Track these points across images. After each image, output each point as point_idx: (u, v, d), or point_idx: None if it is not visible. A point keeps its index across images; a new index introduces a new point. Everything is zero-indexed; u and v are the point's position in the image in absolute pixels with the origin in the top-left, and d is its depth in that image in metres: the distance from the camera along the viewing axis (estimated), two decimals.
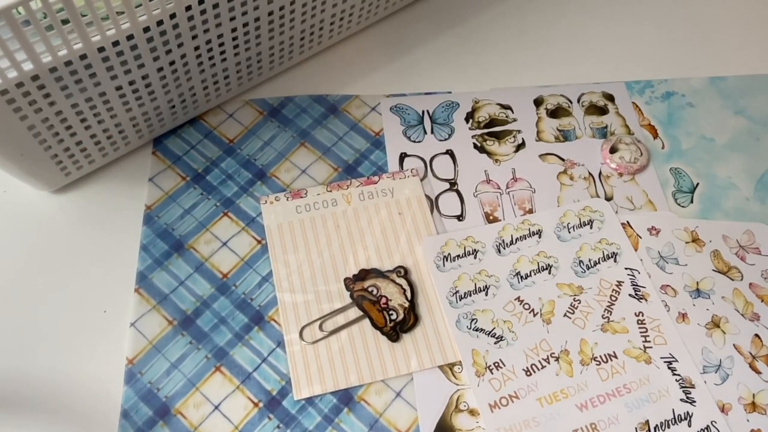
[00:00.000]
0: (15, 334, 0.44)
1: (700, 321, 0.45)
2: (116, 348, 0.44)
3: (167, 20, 0.41)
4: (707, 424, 0.41)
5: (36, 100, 0.40)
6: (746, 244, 0.48)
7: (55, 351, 0.44)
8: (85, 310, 0.45)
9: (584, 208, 0.49)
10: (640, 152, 0.51)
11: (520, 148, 0.52)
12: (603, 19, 0.60)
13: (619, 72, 0.57)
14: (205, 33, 0.44)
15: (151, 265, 0.47)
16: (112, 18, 0.38)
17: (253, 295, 0.46)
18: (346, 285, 0.46)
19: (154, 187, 0.50)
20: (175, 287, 0.46)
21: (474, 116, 0.54)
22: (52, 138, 0.44)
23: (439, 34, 0.58)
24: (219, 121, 0.53)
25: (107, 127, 0.46)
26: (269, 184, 0.50)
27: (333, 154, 0.52)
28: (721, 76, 0.56)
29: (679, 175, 0.51)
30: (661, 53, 0.58)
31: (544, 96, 0.55)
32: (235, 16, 0.45)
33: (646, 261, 0.47)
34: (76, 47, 0.38)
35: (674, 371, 0.43)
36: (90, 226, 0.48)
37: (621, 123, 0.54)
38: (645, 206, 0.50)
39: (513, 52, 0.57)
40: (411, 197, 0.49)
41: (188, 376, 0.43)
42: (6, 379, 0.43)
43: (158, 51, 0.43)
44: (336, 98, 0.54)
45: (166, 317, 0.45)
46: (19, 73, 0.37)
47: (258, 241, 0.48)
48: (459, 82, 0.56)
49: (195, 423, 0.42)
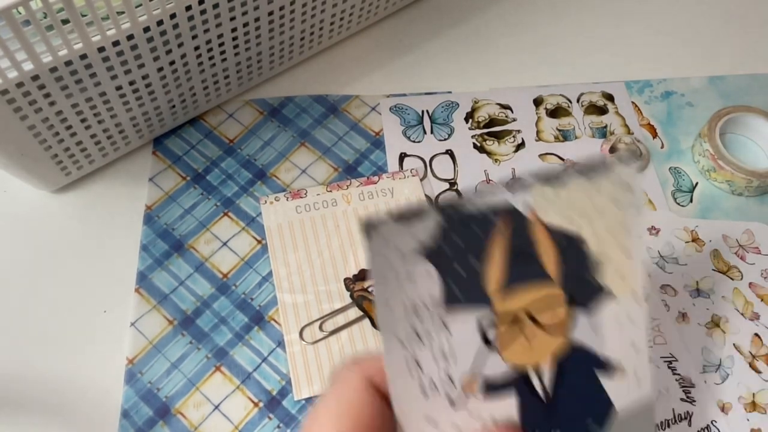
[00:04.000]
0: (15, 334, 0.44)
1: (700, 320, 0.45)
2: (116, 348, 0.44)
3: (167, 20, 0.41)
4: (707, 423, 0.42)
5: (36, 100, 0.40)
6: (746, 244, 0.48)
7: (55, 351, 0.44)
8: (85, 310, 0.45)
9: None
10: (640, 152, 0.51)
11: (520, 147, 0.52)
12: (602, 19, 0.60)
13: (619, 72, 0.57)
14: (205, 33, 0.44)
15: (152, 265, 0.47)
16: (113, 18, 0.38)
17: (253, 295, 0.46)
18: (346, 285, 0.46)
19: (155, 187, 0.50)
20: (176, 287, 0.46)
21: (474, 116, 0.54)
22: (52, 138, 0.44)
23: (439, 34, 0.58)
24: (219, 121, 0.53)
25: (107, 127, 0.46)
26: (269, 184, 0.50)
27: (333, 154, 0.52)
28: (720, 76, 0.56)
29: (679, 174, 0.52)
30: (660, 53, 0.58)
31: (543, 96, 0.55)
32: (235, 16, 0.45)
33: (645, 261, 0.47)
34: (77, 47, 0.38)
35: (674, 371, 0.43)
36: (90, 226, 0.48)
37: (620, 123, 0.54)
38: (645, 206, 0.50)
39: (512, 52, 0.57)
40: (411, 197, 0.49)
41: (188, 376, 0.43)
42: (6, 379, 0.43)
43: (158, 51, 0.43)
44: (336, 98, 0.54)
45: (166, 317, 0.45)
46: (19, 73, 0.37)
47: (258, 241, 0.48)
48: (459, 82, 0.56)
49: (195, 423, 0.42)
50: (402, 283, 0.24)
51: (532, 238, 0.25)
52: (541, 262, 0.25)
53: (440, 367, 0.25)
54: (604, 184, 0.25)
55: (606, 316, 0.26)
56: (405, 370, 0.24)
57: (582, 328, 0.26)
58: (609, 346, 0.27)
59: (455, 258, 0.24)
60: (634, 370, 0.27)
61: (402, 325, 0.24)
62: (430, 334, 0.24)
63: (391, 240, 0.23)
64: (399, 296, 0.24)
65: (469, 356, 0.25)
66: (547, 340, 0.26)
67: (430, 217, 0.23)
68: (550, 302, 0.26)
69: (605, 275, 0.26)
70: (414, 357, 0.24)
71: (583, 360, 0.27)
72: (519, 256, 0.25)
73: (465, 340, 0.25)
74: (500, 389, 0.26)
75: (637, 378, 0.27)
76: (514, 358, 0.26)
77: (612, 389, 0.27)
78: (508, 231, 0.24)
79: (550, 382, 0.26)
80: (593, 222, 0.26)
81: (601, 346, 0.27)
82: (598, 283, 0.26)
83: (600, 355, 0.27)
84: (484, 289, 0.25)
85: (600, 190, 0.25)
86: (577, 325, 0.26)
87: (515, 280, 0.25)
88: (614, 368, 0.27)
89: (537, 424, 0.26)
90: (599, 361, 0.27)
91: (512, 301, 0.25)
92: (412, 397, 0.24)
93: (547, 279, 0.25)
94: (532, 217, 0.25)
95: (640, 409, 0.28)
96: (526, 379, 0.26)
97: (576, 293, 0.26)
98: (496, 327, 0.25)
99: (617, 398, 0.27)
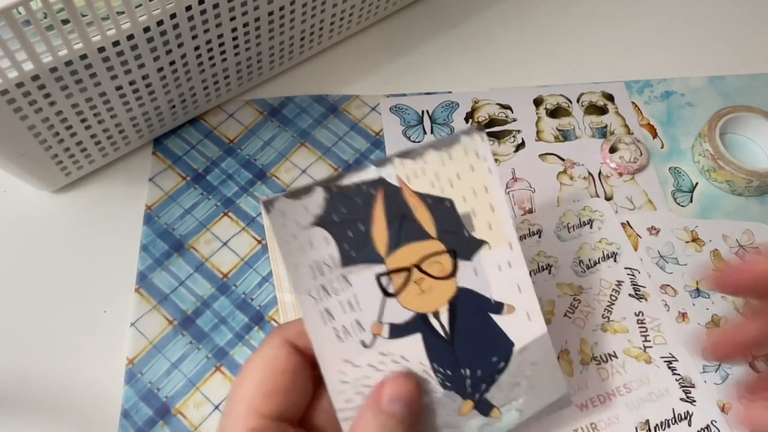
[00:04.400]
0: (15, 334, 0.44)
1: (700, 320, 0.45)
2: (116, 348, 0.44)
3: (167, 20, 0.41)
4: (707, 423, 0.42)
5: (36, 100, 0.40)
6: (746, 244, 0.48)
7: (55, 351, 0.44)
8: (85, 310, 0.45)
9: (584, 207, 0.49)
10: (640, 152, 0.51)
11: (520, 147, 0.52)
12: (602, 18, 0.60)
13: (619, 72, 0.57)
14: (205, 33, 0.44)
15: (152, 265, 0.47)
16: (113, 18, 0.38)
17: (253, 295, 0.46)
18: None
19: (155, 187, 0.50)
20: (176, 287, 0.46)
21: (474, 116, 0.54)
22: (52, 138, 0.44)
23: (439, 34, 0.58)
24: (219, 121, 0.53)
25: (107, 127, 0.46)
26: (269, 184, 0.50)
27: (333, 154, 0.52)
28: (720, 76, 0.56)
29: (679, 174, 0.52)
30: (660, 52, 0.58)
31: (543, 96, 0.55)
32: (235, 16, 0.45)
33: (645, 261, 0.47)
34: (77, 47, 0.38)
35: (674, 371, 0.43)
36: (90, 226, 0.48)
37: (620, 123, 0.54)
38: (645, 206, 0.50)
39: (512, 52, 0.58)
40: None
41: (188, 375, 0.43)
42: (6, 379, 0.43)
43: (158, 51, 0.43)
44: (336, 98, 0.54)
45: (166, 317, 0.45)
46: (19, 73, 0.37)
47: (258, 241, 0.48)
48: (459, 82, 0.56)
49: (195, 423, 0.42)
50: (304, 248, 0.29)
51: (407, 204, 0.30)
52: (419, 223, 0.31)
53: (349, 315, 0.29)
54: (455, 153, 0.31)
55: (486, 263, 0.32)
56: (320, 320, 0.29)
57: (468, 276, 0.31)
58: (495, 288, 0.32)
59: (345, 225, 0.29)
60: (524, 309, 0.32)
61: (312, 283, 0.29)
62: (336, 289, 0.29)
63: (287, 213, 0.28)
64: (304, 260, 0.29)
65: (373, 306, 0.30)
66: (440, 289, 0.31)
67: (315, 192, 0.29)
68: (435, 257, 0.31)
69: (478, 229, 0.32)
70: (326, 308, 0.29)
71: (473, 301, 0.32)
72: (400, 220, 0.30)
73: (367, 293, 0.30)
74: (405, 332, 0.30)
75: (527, 314, 0.32)
76: (413, 306, 0.30)
77: (507, 327, 0.32)
78: (384, 199, 0.30)
79: (447, 322, 0.31)
80: (455, 185, 0.31)
81: (487, 289, 0.32)
82: (473, 237, 0.32)
83: (488, 297, 0.32)
84: (376, 249, 0.30)
85: (452, 158, 0.31)
86: (463, 274, 0.31)
87: (401, 239, 0.30)
88: (503, 307, 0.32)
89: (445, 362, 0.31)
90: (488, 301, 0.32)
91: (401, 258, 0.30)
92: (329, 343, 0.29)
93: (427, 236, 0.31)
94: (402, 186, 0.30)
95: (537, 340, 0.33)
96: (426, 322, 0.31)
97: (457, 247, 0.31)
98: (392, 280, 0.30)
99: (514, 334, 0.32)
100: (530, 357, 0.33)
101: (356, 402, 0.29)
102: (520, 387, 0.32)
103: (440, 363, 0.31)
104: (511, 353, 0.32)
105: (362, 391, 0.29)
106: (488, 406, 0.32)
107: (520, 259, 0.32)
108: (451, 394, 0.31)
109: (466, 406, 0.32)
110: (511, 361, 0.32)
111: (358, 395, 0.29)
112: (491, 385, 0.32)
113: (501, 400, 0.32)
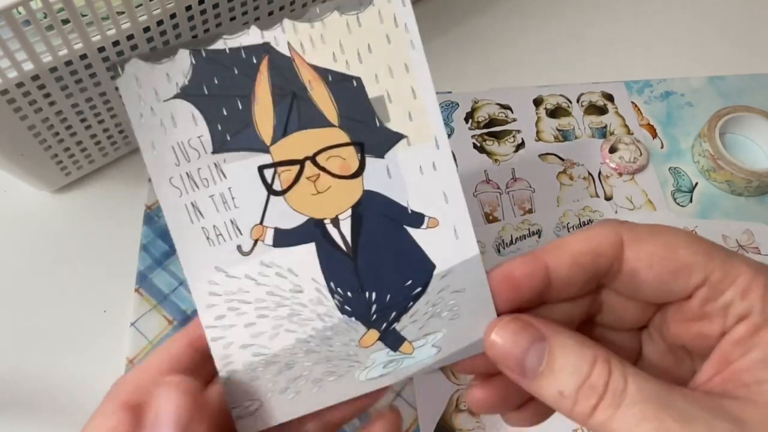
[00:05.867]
0: (15, 334, 0.44)
1: None
2: (116, 348, 0.44)
3: (167, 20, 0.41)
4: None
5: (36, 100, 0.40)
6: (746, 244, 0.48)
7: (55, 351, 0.44)
8: (85, 310, 0.45)
9: (584, 207, 0.49)
10: (640, 152, 0.51)
11: (520, 148, 0.52)
12: (602, 19, 0.60)
13: (618, 72, 0.57)
14: (205, 33, 0.44)
15: (151, 265, 0.47)
16: (112, 18, 0.38)
17: None
18: None
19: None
20: (175, 287, 0.46)
21: (473, 116, 0.54)
22: (52, 138, 0.44)
23: (439, 34, 0.58)
24: None
25: (107, 127, 0.46)
26: None
27: None
28: (720, 76, 0.56)
29: (678, 174, 0.52)
30: (660, 52, 0.58)
31: (543, 96, 0.55)
32: (236, 16, 0.45)
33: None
34: (77, 47, 0.38)
35: None
36: (90, 226, 0.48)
37: (620, 123, 0.54)
38: (644, 206, 0.50)
39: (512, 52, 0.57)
40: None
41: None
42: (6, 379, 0.43)
43: None
44: None
45: (166, 317, 0.45)
46: (19, 73, 0.37)
47: None
48: (459, 82, 0.56)
49: None
50: (165, 125, 0.23)
51: (300, 79, 0.24)
52: (316, 105, 0.24)
53: (223, 214, 0.24)
54: (366, 18, 0.25)
55: (403, 163, 0.25)
56: (185, 216, 0.24)
57: (378, 177, 0.25)
58: (413, 195, 0.25)
59: (218, 100, 0.24)
60: (451, 223, 0.26)
61: (175, 170, 0.24)
62: (206, 180, 0.24)
63: (142, 80, 0.23)
64: (165, 140, 0.23)
65: (254, 205, 0.24)
66: (341, 190, 0.25)
67: (180, 55, 0.23)
68: (336, 149, 0.25)
69: (393, 119, 0.25)
70: (192, 202, 0.24)
71: (383, 209, 0.25)
72: (290, 99, 0.24)
73: (246, 188, 0.24)
74: (294, 240, 0.25)
75: (455, 231, 0.26)
76: (305, 209, 0.25)
77: (428, 244, 0.26)
78: (269, 71, 0.24)
79: (350, 232, 0.25)
80: (365, 60, 0.25)
81: (403, 196, 0.25)
82: (386, 128, 0.25)
83: (403, 205, 0.26)
84: (258, 134, 0.24)
85: (362, 24, 0.25)
86: (373, 174, 0.25)
87: (291, 124, 0.24)
88: (423, 219, 0.26)
89: (344, 281, 0.25)
90: (403, 211, 0.26)
91: (291, 147, 0.24)
92: (197, 246, 0.24)
93: (326, 123, 0.25)
94: (294, 56, 0.24)
95: (465, 263, 0.26)
96: (322, 230, 0.25)
97: (365, 140, 0.25)
98: (279, 174, 0.24)
99: (436, 254, 0.26)
100: (455, 283, 0.26)
101: (229, 320, 0.24)
102: (440, 319, 0.26)
103: (338, 282, 0.25)
104: (431, 277, 0.26)
105: (237, 308, 0.25)
106: (398, 339, 0.26)
107: (449, 160, 0.25)
108: (351, 321, 0.25)
109: (370, 337, 0.26)
110: (431, 286, 0.26)
111: (231, 312, 0.24)
112: (403, 313, 0.26)
113: (414, 332, 0.26)
